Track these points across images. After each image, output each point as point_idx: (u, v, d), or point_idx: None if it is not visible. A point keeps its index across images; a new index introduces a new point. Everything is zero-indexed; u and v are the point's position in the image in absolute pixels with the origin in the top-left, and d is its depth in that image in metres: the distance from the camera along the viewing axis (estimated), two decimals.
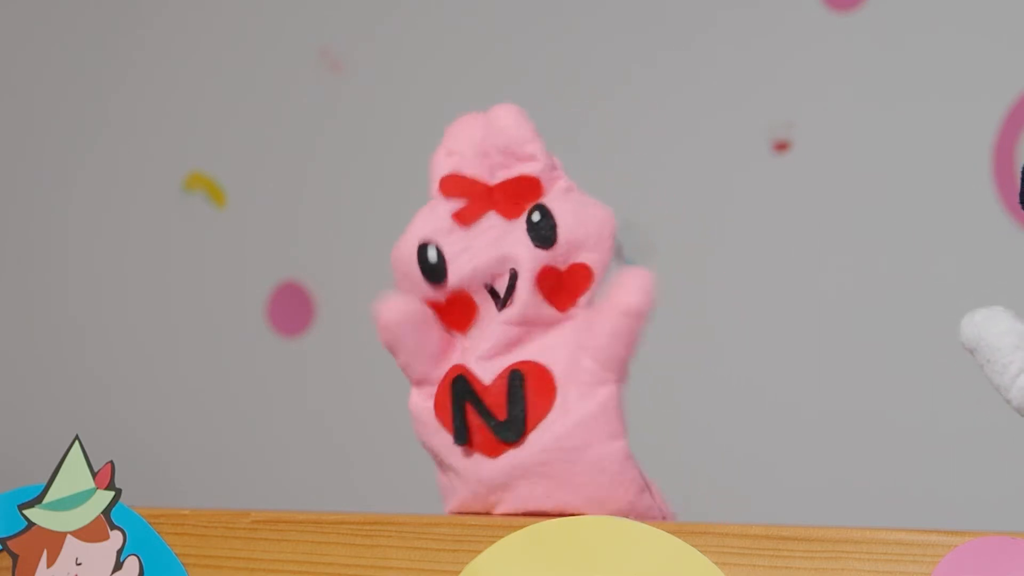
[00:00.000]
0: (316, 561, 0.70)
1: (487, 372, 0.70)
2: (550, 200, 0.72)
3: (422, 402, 0.72)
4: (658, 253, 1.67)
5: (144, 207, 2.07)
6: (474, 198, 0.74)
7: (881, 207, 1.72)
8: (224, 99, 2.04)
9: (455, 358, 0.72)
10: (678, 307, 1.72)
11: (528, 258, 0.71)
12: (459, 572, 0.66)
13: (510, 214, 0.72)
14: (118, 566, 0.71)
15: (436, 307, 0.73)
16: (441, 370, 0.72)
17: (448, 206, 0.74)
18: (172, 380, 2.04)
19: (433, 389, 0.72)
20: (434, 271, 0.73)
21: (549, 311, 0.71)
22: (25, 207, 2.13)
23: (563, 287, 0.71)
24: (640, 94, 1.82)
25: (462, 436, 0.70)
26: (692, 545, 0.62)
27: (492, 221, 0.73)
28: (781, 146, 1.76)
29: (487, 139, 0.74)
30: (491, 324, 0.71)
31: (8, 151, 2.14)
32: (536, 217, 0.71)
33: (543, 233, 0.71)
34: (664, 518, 0.71)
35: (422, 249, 0.74)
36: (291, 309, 1.99)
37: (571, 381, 0.69)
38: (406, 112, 1.95)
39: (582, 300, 0.71)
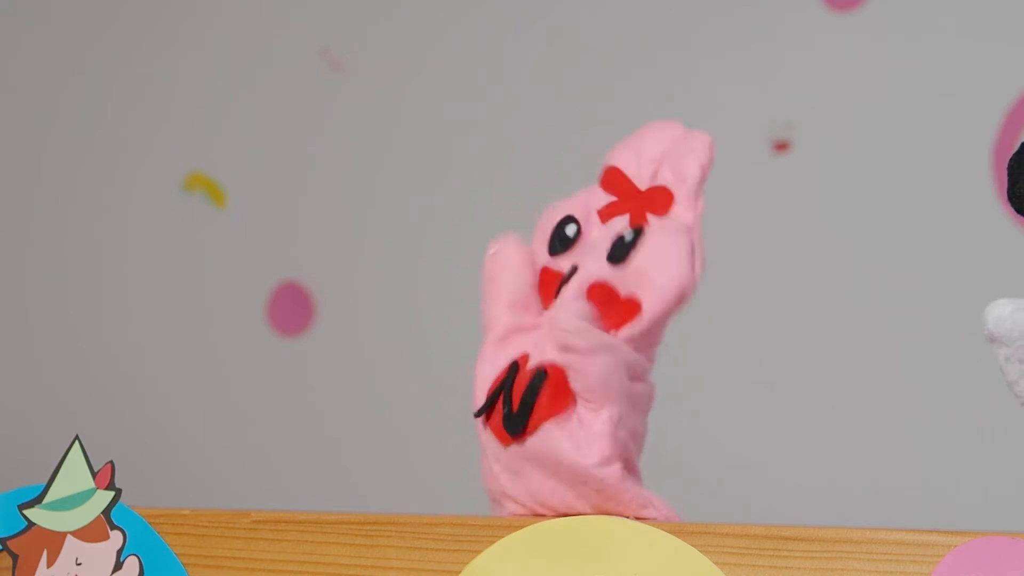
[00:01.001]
0: (316, 561, 0.70)
1: (532, 363, 0.71)
2: (657, 226, 0.72)
3: (481, 365, 0.73)
4: None
5: (144, 207, 2.07)
6: (621, 198, 0.74)
7: (881, 207, 1.72)
8: (224, 99, 2.04)
9: (521, 331, 0.72)
10: None
11: (594, 263, 0.71)
12: (459, 572, 0.66)
13: (635, 221, 0.73)
14: (118, 566, 0.71)
15: (544, 274, 0.74)
16: (503, 333, 0.73)
17: (602, 198, 0.74)
18: (172, 380, 2.04)
19: (491, 353, 0.73)
20: (563, 243, 0.74)
21: (597, 323, 0.71)
22: (25, 207, 2.13)
23: (614, 310, 0.71)
24: (640, 94, 1.82)
25: (482, 410, 0.71)
26: (692, 545, 0.62)
27: (620, 224, 0.73)
28: (781, 146, 1.76)
29: (671, 154, 0.74)
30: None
31: (8, 151, 2.14)
32: (628, 237, 0.72)
33: (619, 252, 0.71)
34: None
35: (567, 220, 0.74)
36: (291, 309, 1.99)
37: (580, 399, 0.70)
38: (406, 112, 1.95)
39: (622, 333, 0.71)
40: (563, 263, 0.74)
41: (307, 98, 2.00)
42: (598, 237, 0.74)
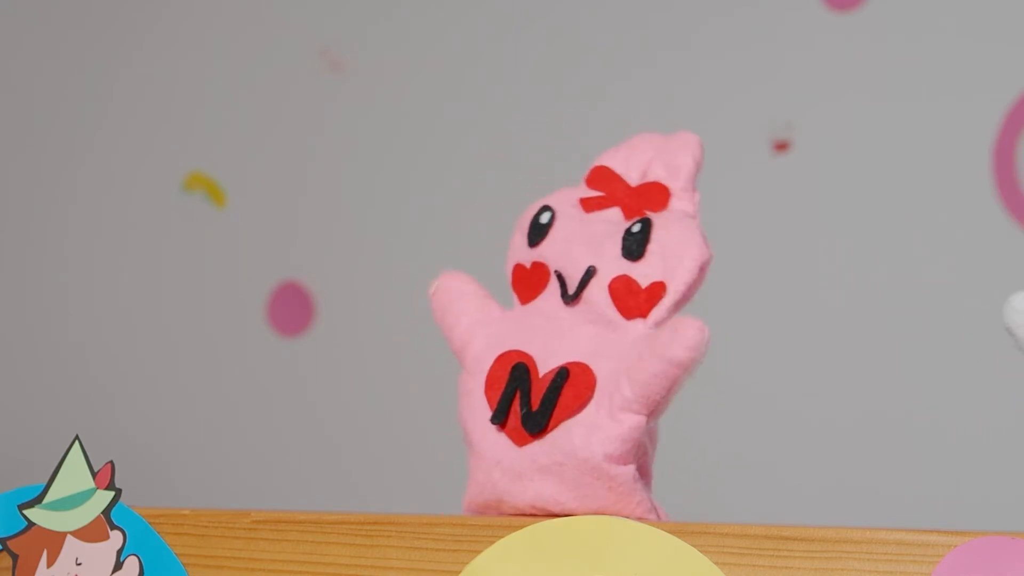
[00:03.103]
0: (316, 561, 0.70)
1: (545, 365, 0.71)
2: (661, 217, 0.73)
3: (469, 378, 0.73)
4: None
5: (144, 207, 2.07)
6: (610, 194, 0.75)
7: (881, 207, 1.72)
8: (224, 99, 2.04)
9: (509, 335, 0.73)
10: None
11: (610, 264, 0.72)
12: (459, 572, 0.66)
13: (631, 214, 0.74)
14: (118, 566, 0.71)
15: (519, 271, 0.75)
16: (487, 342, 0.73)
17: (585, 191, 0.76)
18: (172, 380, 2.04)
19: (479, 363, 0.73)
20: (538, 232, 0.75)
21: (614, 314, 0.72)
22: (25, 207, 2.13)
23: (635, 298, 0.72)
24: (640, 94, 1.82)
25: (500, 416, 0.71)
26: (692, 545, 0.62)
27: (610, 216, 0.74)
28: (781, 146, 1.76)
29: (657, 152, 0.75)
30: (557, 312, 0.73)
31: (8, 151, 2.14)
32: (636, 228, 0.72)
33: (633, 246, 0.72)
34: None
35: (542, 210, 0.76)
36: (291, 309, 1.99)
37: (606, 397, 0.70)
38: (406, 112, 1.95)
39: (650, 317, 0.71)
40: (543, 253, 0.74)
41: (307, 98, 2.00)
42: (576, 228, 0.74)
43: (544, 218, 0.76)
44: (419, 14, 1.95)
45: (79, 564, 0.71)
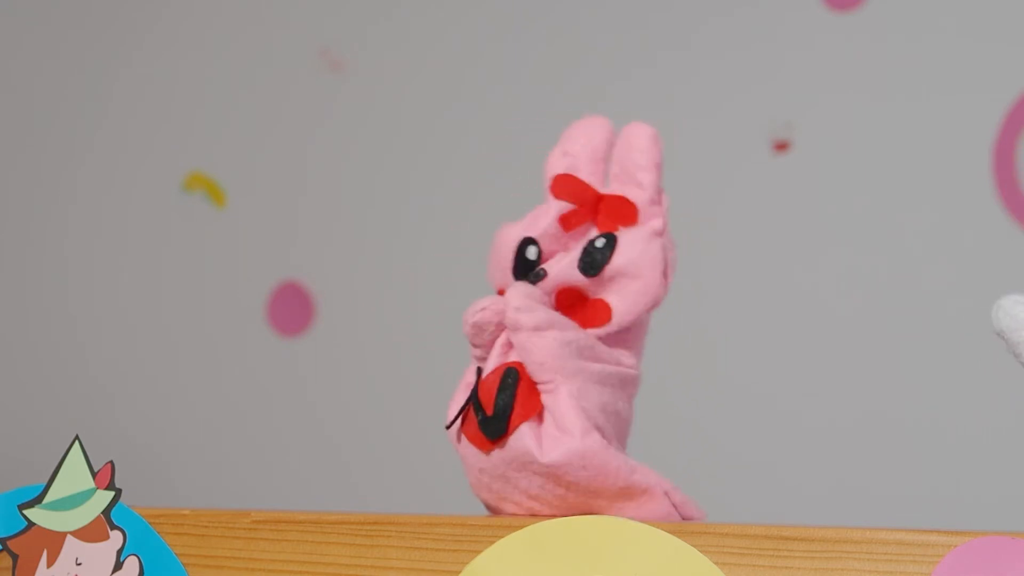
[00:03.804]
0: (316, 561, 0.70)
1: (490, 365, 0.71)
2: (629, 237, 0.73)
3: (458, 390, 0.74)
4: None
5: (144, 207, 2.07)
6: (582, 204, 0.74)
7: (881, 207, 1.72)
8: (224, 99, 2.04)
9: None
10: (677, 308, 1.72)
11: (565, 269, 0.72)
12: (459, 572, 0.66)
13: (604, 228, 0.73)
14: (118, 566, 0.71)
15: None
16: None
17: (558, 208, 0.75)
18: (172, 380, 2.04)
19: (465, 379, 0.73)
20: (526, 267, 0.74)
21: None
22: (25, 207, 2.13)
23: (583, 312, 0.72)
24: (640, 94, 1.82)
25: (452, 422, 0.72)
26: (692, 545, 0.62)
27: (590, 233, 0.74)
28: (781, 146, 1.76)
29: (617, 150, 0.74)
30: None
31: (8, 151, 2.14)
32: (599, 243, 0.72)
33: (591, 265, 0.72)
34: (666, 492, 0.72)
35: (526, 243, 0.74)
36: (291, 309, 1.99)
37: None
38: (406, 112, 1.95)
39: (591, 333, 0.72)
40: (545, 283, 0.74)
41: (307, 98, 2.00)
42: (564, 251, 0.74)
43: (531, 253, 0.75)
44: (419, 14, 1.95)
45: (79, 564, 0.71)
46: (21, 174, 2.14)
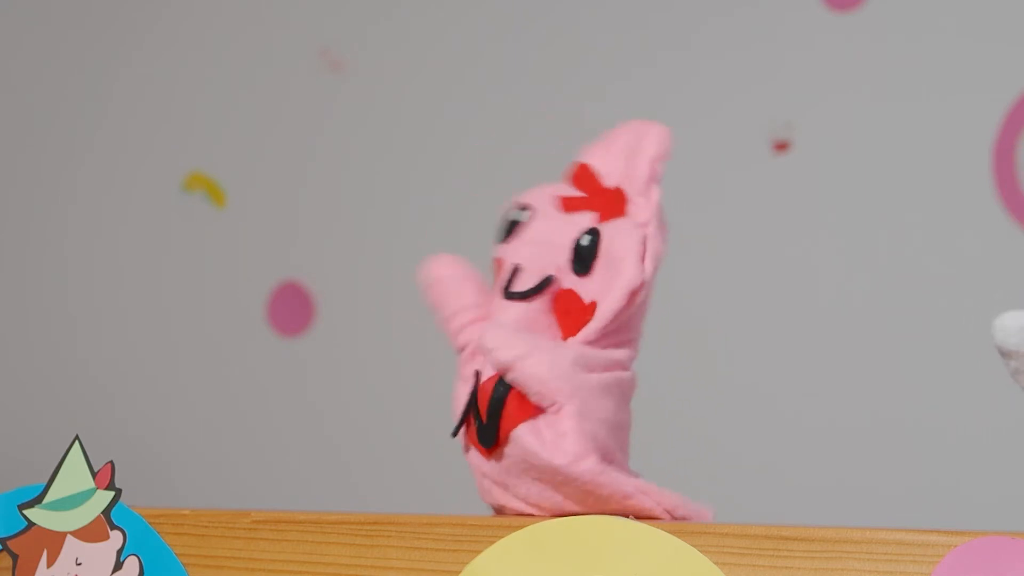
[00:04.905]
0: (316, 561, 0.70)
1: (488, 369, 0.71)
2: (612, 229, 0.72)
3: (456, 385, 0.73)
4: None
5: (144, 207, 2.07)
6: (590, 194, 0.74)
7: (881, 207, 1.72)
8: (224, 99, 2.04)
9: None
10: (678, 308, 1.72)
11: (562, 274, 0.72)
12: (459, 572, 0.66)
13: (604, 218, 0.73)
14: (118, 566, 0.71)
15: (495, 264, 0.75)
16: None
17: (563, 188, 0.75)
18: (172, 380, 2.04)
19: (464, 367, 0.73)
20: (507, 229, 0.75)
21: (554, 330, 0.71)
22: (26, 207, 2.13)
23: (570, 318, 0.71)
24: (640, 94, 1.82)
25: (456, 429, 0.72)
26: (692, 545, 0.62)
27: (584, 220, 0.74)
28: (781, 146, 1.76)
29: (625, 149, 0.74)
30: (498, 309, 0.72)
31: (8, 151, 2.14)
32: (585, 241, 0.72)
33: (580, 263, 0.72)
34: (668, 511, 0.71)
35: (517, 207, 0.75)
36: (291, 309, 1.99)
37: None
38: (406, 112, 1.95)
39: (578, 337, 0.71)
40: (508, 250, 0.74)
41: (307, 98, 2.00)
42: (553, 229, 0.73)
43: (520, 215, 0.75)
44: (419, 14, 1.95)
45: (79, 564, 0.71)
46: (21, 174, 2.14)
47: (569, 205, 0.74)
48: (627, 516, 0.68)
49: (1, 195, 2.14)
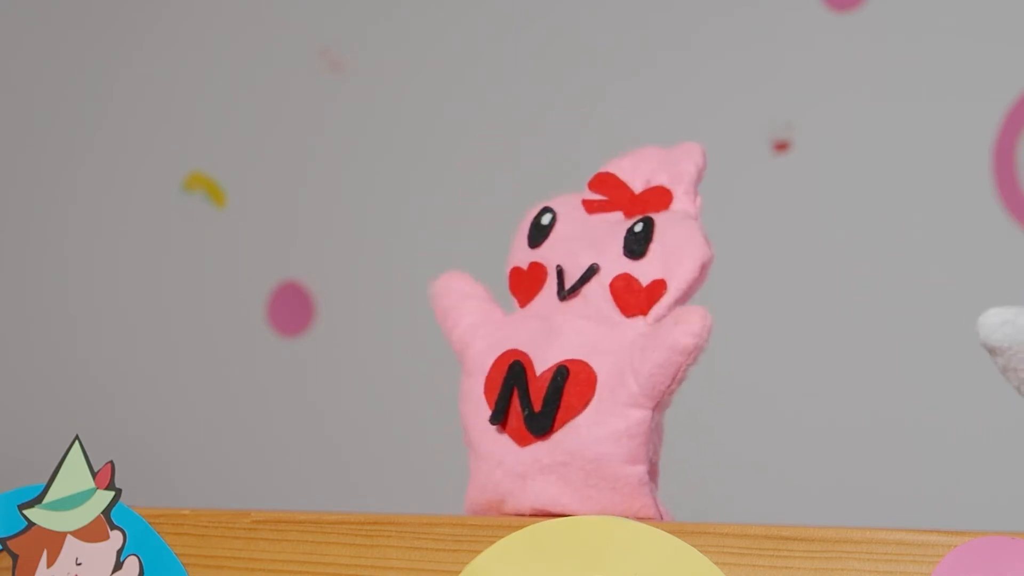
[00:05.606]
0: (316, 561, 0.70)
1: (542, 363, 0.71)
2: (663, 217, 0.73)
3: (469, 380, 0.74)
4: None
5: (144, 207, 2.07)
6: (613, 198, 0.75)
7: (881, 207, 1.72)
8: (224, 99, 2.04)
9: (508, 337, 0.73)
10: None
11: (612, 262, 0.72)
12: (459, 572, 0.66)
13: (631, 214, 0.74)
14: (118, 566, 0.71)
15: (516, 273, 0.75)
16: (487, 343, 0.73)
17: (588, 194, 0.76)
18: (172, 380, 2.04)
19: (478, 364, 0.73)
20: (539, 233, 0.75)
21: (612, 311, 0.72)
22: (26, 207, 2.13)
23: (635, 296, 0.72)
24: (640, 94, 1.82)
25: (498, 416, 0.71)
26: (692, 545, 0.62)
27: (612, 218, 0.75)
28: (781, 146, 1.76)
29: (661, 162, 0.75)
30: (553, 310, 0.73)
31: (8, 151, 2.14)
32: (638, 228, 0.73)
33: (635, 246, 0.72)
34: None
35: (542, 211, 0.76)
36: (291, 309, 1.99)
37: (610, 394, 0.70)
38: (406, 112, 1.95)
39: (650, 315, 0.71)
40: (543, 254, 0.75)
41: (307, 98, 2.00)
42: (579, 228, 0.74)
43: (545, 219, 0.76)
44: (419, 14, 1.95)
45: (79, 564, 0.71)
46: (21, 174, 2.14)
47: (592, 207, 0.75)
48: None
49: (1, 195, 2.14)
